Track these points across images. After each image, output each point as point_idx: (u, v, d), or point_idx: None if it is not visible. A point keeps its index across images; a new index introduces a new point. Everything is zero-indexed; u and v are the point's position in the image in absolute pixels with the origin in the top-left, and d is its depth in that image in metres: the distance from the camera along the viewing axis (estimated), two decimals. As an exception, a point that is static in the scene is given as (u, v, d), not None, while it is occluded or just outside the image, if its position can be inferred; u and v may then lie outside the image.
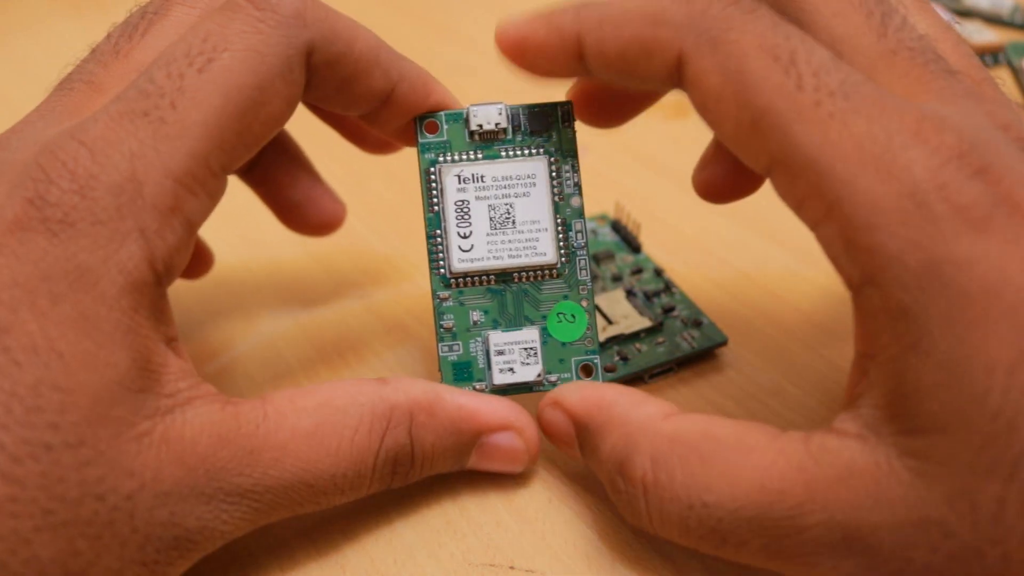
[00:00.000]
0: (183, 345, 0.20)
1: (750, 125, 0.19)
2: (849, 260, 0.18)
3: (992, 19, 0.48)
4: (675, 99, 0.26)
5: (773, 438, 0.19)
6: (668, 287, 0.29)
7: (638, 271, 0.30)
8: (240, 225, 0.35)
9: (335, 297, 0.31)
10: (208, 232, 0.30)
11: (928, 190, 0.17)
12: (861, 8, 0.20)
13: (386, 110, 0.23)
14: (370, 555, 0.22)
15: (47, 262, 0.18)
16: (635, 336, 0.27)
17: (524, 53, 0.22)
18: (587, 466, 0.22)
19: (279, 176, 0.29)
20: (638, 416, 0.21)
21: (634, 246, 0.31)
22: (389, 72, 0.22)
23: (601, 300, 0.28)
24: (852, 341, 0.18)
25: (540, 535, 0.23)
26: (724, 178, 0.26)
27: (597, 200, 0.24)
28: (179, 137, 0.19)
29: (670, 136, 0.39)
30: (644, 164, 0.37)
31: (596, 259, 0.30)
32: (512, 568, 0.22)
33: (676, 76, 0.20)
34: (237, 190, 0.36)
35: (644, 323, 0.28)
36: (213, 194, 0.20)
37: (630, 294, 0.29)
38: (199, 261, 0.30)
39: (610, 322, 0.28)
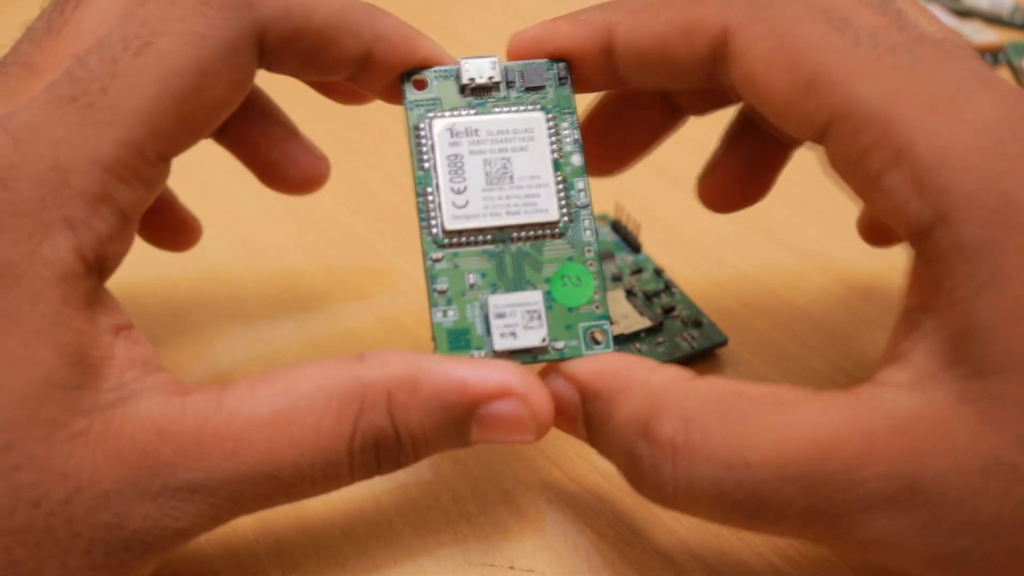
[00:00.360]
0: (140, 333, 0.20)
1: (805, 87, 0.18)
2: (920, 202, 0.17)
3: (992, 19, 0.48)
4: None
5: (813, 394, 0.18)
6: (668, 287, 0.29)
7: (638, 271, 0.30)
8: (240, 227, 0.35)
9: (335, 298, 0.31)
10: (207, 233, 0.30)
11: (1002, 128, 0.17)
12: (875, 8, 0.20)
13: (365, 72, 0.22)
14: (370, 555, 0.22)
15: None
16: (635, 336, 0.27)
17: (544, 52, 0.22)
18: (592, 443, 0.21)
19: (254, 135, 0.27)
20: (660, 378, 0.19)
21: (634, 246, 0.31)
22: (361, 35, 0.21)
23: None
24: (852, 341, 0.18)
25: (540, 535, 0.23)
26: (732, 183, 0.25)
27: (597, 200, 0.24)
28: (108, 123, 0.18)
29: (670, 136, 0.39)
30: (644, 164, 0.37)
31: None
32: (512, 568, 0.22)
33: (719, 56, 0.20)
34: (236, 192, 0.36)
35: (644, 323, 0.28)
36: (150, 182, 0.19)
37: (630, 294, 0.29)
38: (185, 233, 0.29)
39: (610, 322, 0.27)
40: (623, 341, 0.27)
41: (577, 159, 0.22)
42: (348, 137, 0.33)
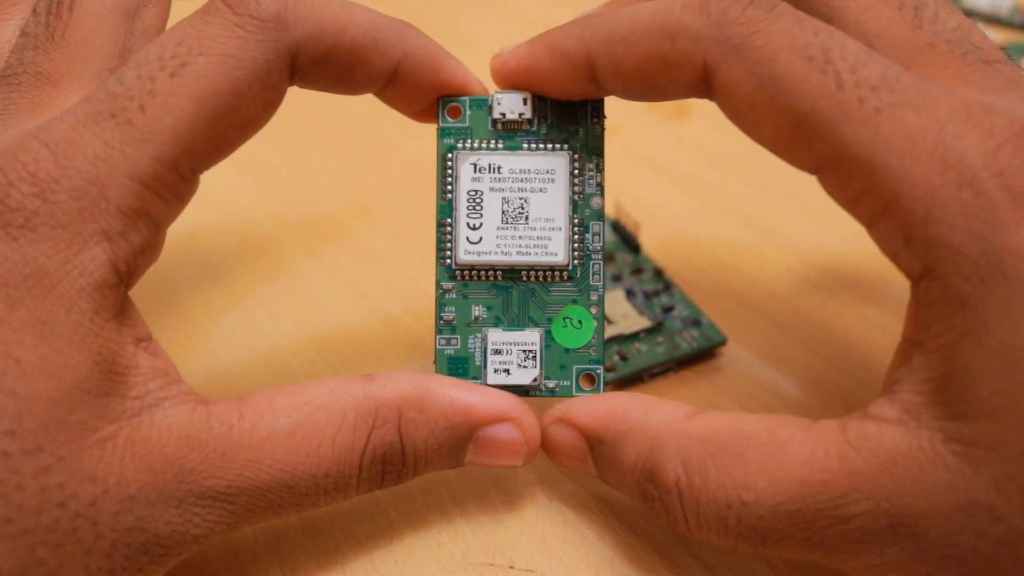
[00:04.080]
0: (159, 345, 0.20)
1: (792, 130, 0.18)
2: (909, 254, 0.18)
3: (992, 19, 0.48)
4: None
5: (806, 430, 0.19)
6: (668, 287, 0.29)
7: (638, 271, 0.30)
8: (239, 226, 0.35)
9: (335, 297, 0.31)
10: (208, 233, 0.30)
11: (985, 178, 0.17)
12: (892, 1, 0.20)
13: (392, 88, 0.22)
14: (370, 555, 0.22)
15: (5, 267, 0.18)
16: (635, 336, 0.27)
17: (530, 83, 0.22)
18: (605, 481, 0.22)
19: None
20: (658, 420, 0.20)
21: (633, 246, 0.31)
22: (390, 52, 0.21)
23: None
24: (851, 340, 0.18)
25: (540, 535, 0.23)
26: None
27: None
28: (147, 140, 0.19)
29: (670, 136, 0.39)
30: (644, 164, 0.37)
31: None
32: (512, 568, 0.22)
33: (703, 86, 0.20)
34: (237, 192, 0.36)
35: (644, 323, 0.28)
36: (182, 197, 0.20)
37: (630, 294, 0.29)
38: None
39: (610, 322, 0.28)
40: (623, 341, 0.27)
41: (597, 202, 0.23)
42: (349, 140, 0.33)
